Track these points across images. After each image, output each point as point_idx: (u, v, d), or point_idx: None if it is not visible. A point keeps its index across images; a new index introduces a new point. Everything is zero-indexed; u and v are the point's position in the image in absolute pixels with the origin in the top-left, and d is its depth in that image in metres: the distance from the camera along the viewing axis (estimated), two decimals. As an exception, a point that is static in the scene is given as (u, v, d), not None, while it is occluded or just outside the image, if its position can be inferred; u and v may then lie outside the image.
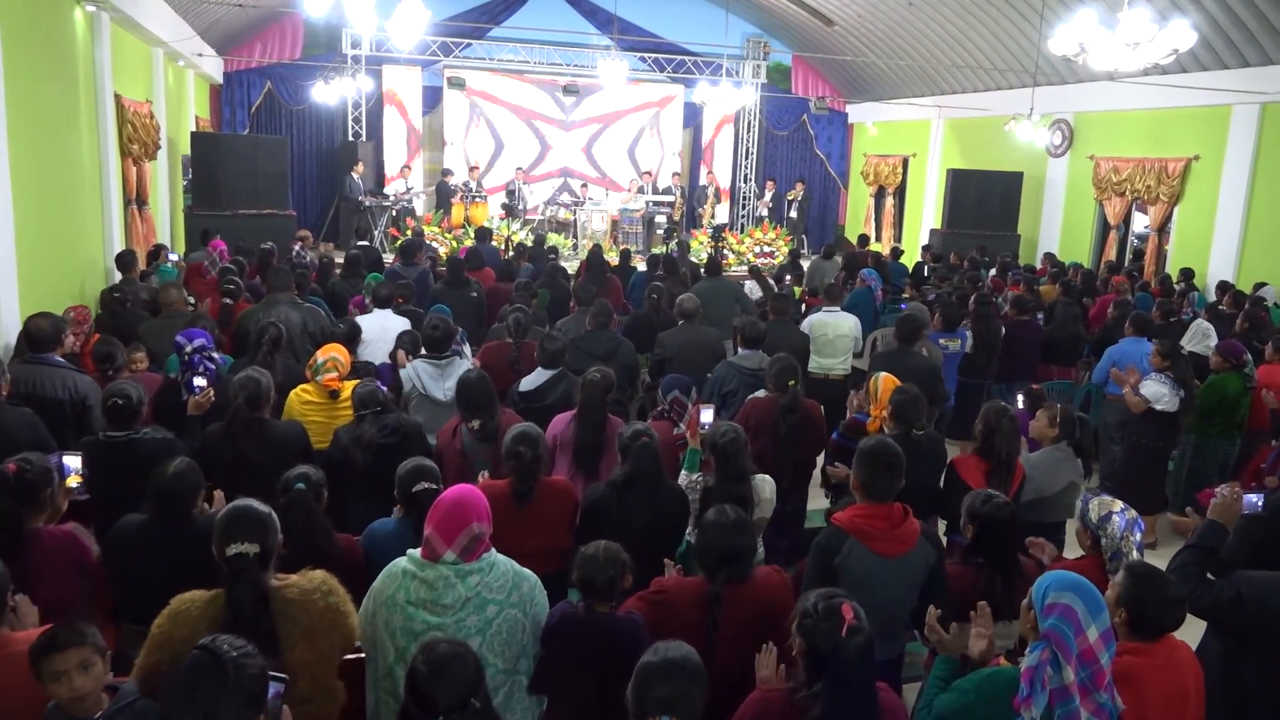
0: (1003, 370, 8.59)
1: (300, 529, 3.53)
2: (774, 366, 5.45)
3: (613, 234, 17.14)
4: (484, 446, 4.83)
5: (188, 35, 12.45)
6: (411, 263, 9.98)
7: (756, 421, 5.29)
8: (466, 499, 3.00)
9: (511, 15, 18.68)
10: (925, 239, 17.10)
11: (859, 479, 3.43)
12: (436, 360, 5.62)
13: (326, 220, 18.38)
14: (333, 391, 5.34)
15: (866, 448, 3.45)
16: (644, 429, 4.12)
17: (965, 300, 9.01)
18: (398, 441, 4.68)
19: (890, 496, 3.39)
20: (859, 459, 3.45)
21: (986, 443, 4.64)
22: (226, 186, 12.35)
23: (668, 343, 7.07)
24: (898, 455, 3.43)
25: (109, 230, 8.86)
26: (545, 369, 5.80)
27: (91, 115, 8.51)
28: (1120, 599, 2.83)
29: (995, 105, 15.87)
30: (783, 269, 13.65)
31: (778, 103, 20.80)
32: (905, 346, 6.67)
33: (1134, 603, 2.80)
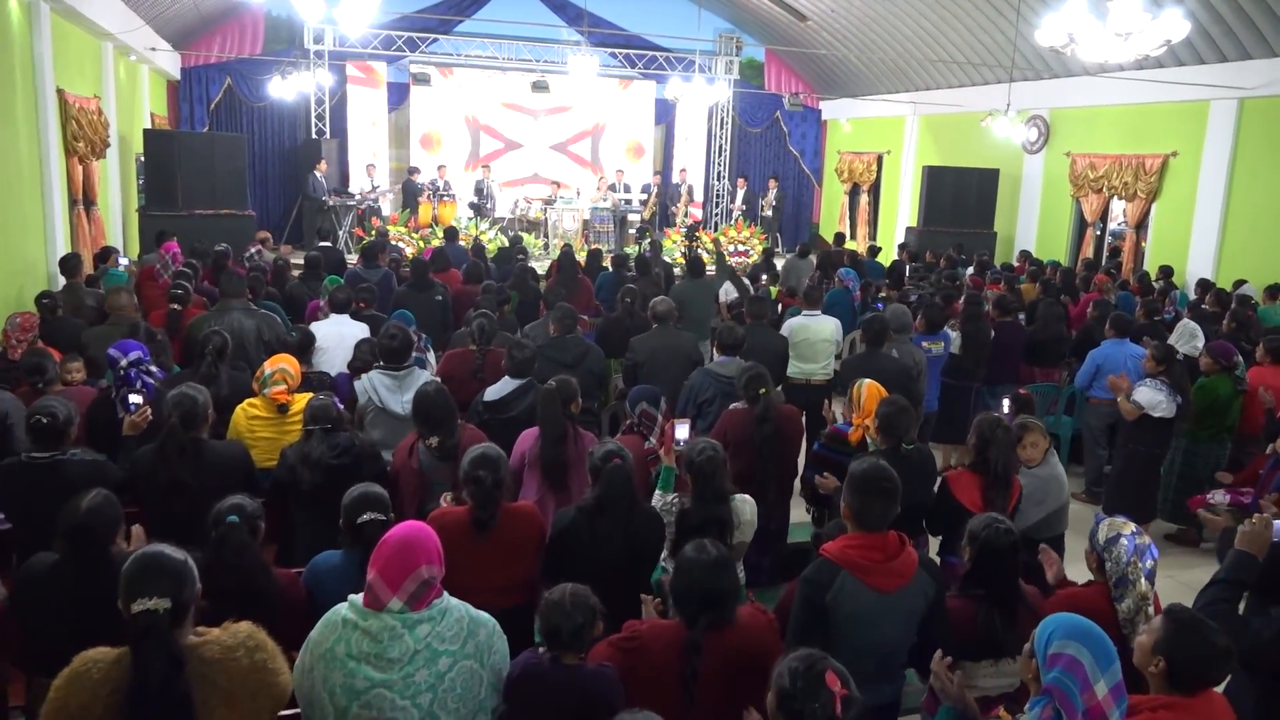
0: (986, 373, 8.34)
1: (233, 568, 3.18)
2: (743, 376, 5.18)
3: (584, 233, 16.80)
4: (443, 465, 4.49)
5: (139, 27, 11.96)
6: (374, 265, 9.60)
7: (734, 435, 4.99)
8: (414, 539, 2.66)
9: (480, 9, 18.27)
10: (900, 237, 16.90)
11: (850, 506, 3.12)
12: (394, 371, 5.26)
13: (290, 221, 17.89)
14: (281, 405, 4.99)
15: (858, 472, 3.15)
16: (616, 449, 3.80)
17: (949, 300, 8.76)
18: (350, 462, 4.34)
19: (885, 525, 3.09)
20: (850, 484, 3.14)
21: (981, 456, 4.35)
22: (182, 186, 11.92)
23: (639, 348, 6.76)
24: (892, 480, 3.13)
25: (51, 232, 8.40)
26: (512, 378, 5.46)
27: (30, 110, 8.06)
28: (1158, 647, 2.54)
29: (971, 101, 15.68)
30: (757, 268, 13.38)
31: (751, 99, 20.52)
32: (873, 349, 6.41)
33: (1174, 653, 2.51)
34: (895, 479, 3.14)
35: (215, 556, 3.19)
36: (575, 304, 9.81)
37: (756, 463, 4.92)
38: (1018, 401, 6.84)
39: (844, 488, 3.19)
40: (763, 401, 4.99)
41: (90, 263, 9.75)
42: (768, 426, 4.96)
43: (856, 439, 5.14)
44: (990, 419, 4.42)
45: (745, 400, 5.11)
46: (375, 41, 17.59)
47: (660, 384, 6.39)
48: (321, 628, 2.67)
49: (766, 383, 5.08)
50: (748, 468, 4.82)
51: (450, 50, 18.26)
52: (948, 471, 4.49)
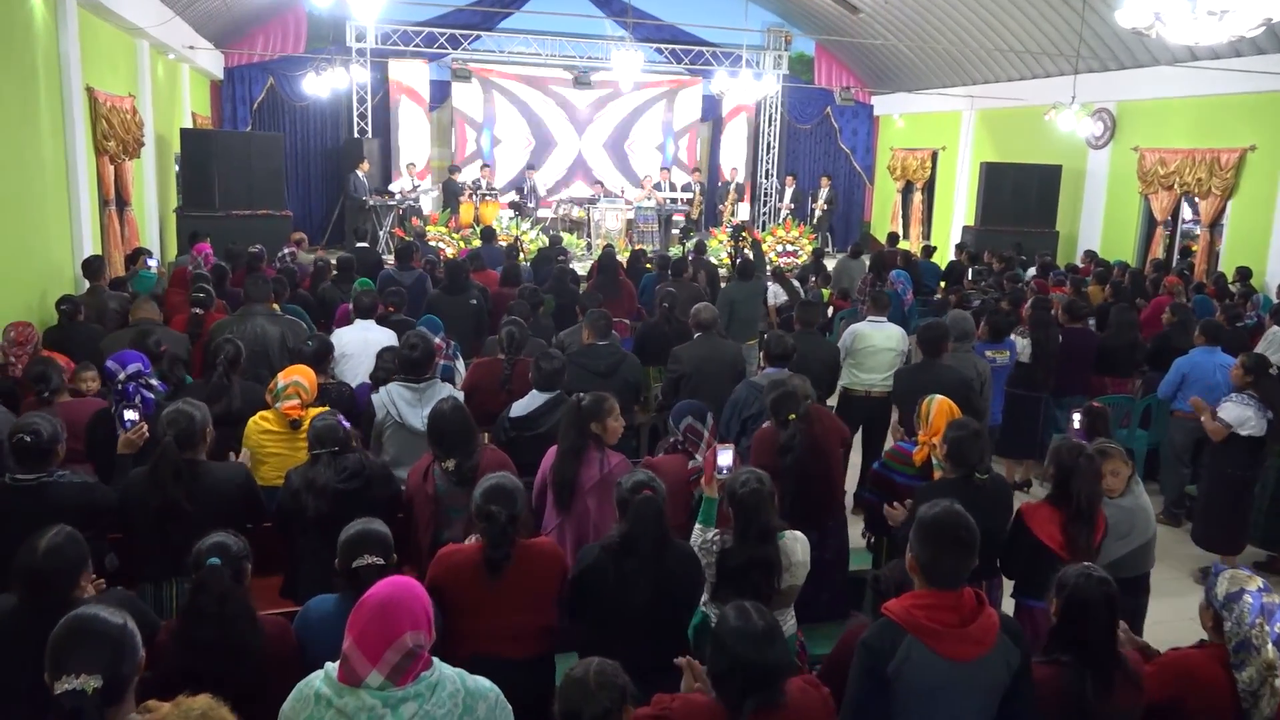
0: (1054, 383, 7.78)
1: (212, 617, 2.80)
2: (769, 395, 4.70)
3: (628, 233, 16.38)
4: (460, 490, 4.10)
5: (170, 19, 11.77)
6: (408, 267, 9.26)
7: (765, 459, 4.53)
8: (397, 601, 2.26)
9: (524, 4, 17.94)
10: (955, 236, 16.25)
11: (918, 558, 2.66)
12: (414, 383, 4.89)
13: (331, 221, 17.71)
14: (294, 421, 4.65)
15: (928, 518, 2.69)
16: (646, 479, 3.37)
17: (1016, 305, 8.20)
18: (359, 486, 3.97)
19: (960, 581, 2.62)
20: (919, 532, 2.68)
21: (1061, 489, 3.85)
22: (219, 186, 11.72)
23: (684, 358, 6.32)
24: (969, 530, 2.66)
25: (78, 234, 8.18)
26: (540, 391, 5.06)
27: (55, 108, 7.84)
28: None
29: (1031, 94, 14.99)
30: (806, 269, 12.88)
31: (800, 95, 19.96)
32: (930, 359, 5.89)
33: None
34: (973, 529, 2.67)
35: (193, 604, 2.83)
36: (616, 308, 9.45)
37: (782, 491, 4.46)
38: (1090, 415, 6.27)
39: (911, 535, 2.73)
40: (790, 429, 4.52)
41: (121, 264, 9.57)
42: (790, 457, 4.49)
43: (921, 459, 4.68)
44: (1071, 446, 3.92)
45: (774, 423, 4.66)
46: (417, 39, 17.37)
47: (706, 398, 5.93)
48: (293, 701, 2.28)
49: (794, 405, 4.61)
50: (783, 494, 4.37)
51: (493, 47, 17.96)
52: (1024, 505, 3.99)
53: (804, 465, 4.52)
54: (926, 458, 4.66)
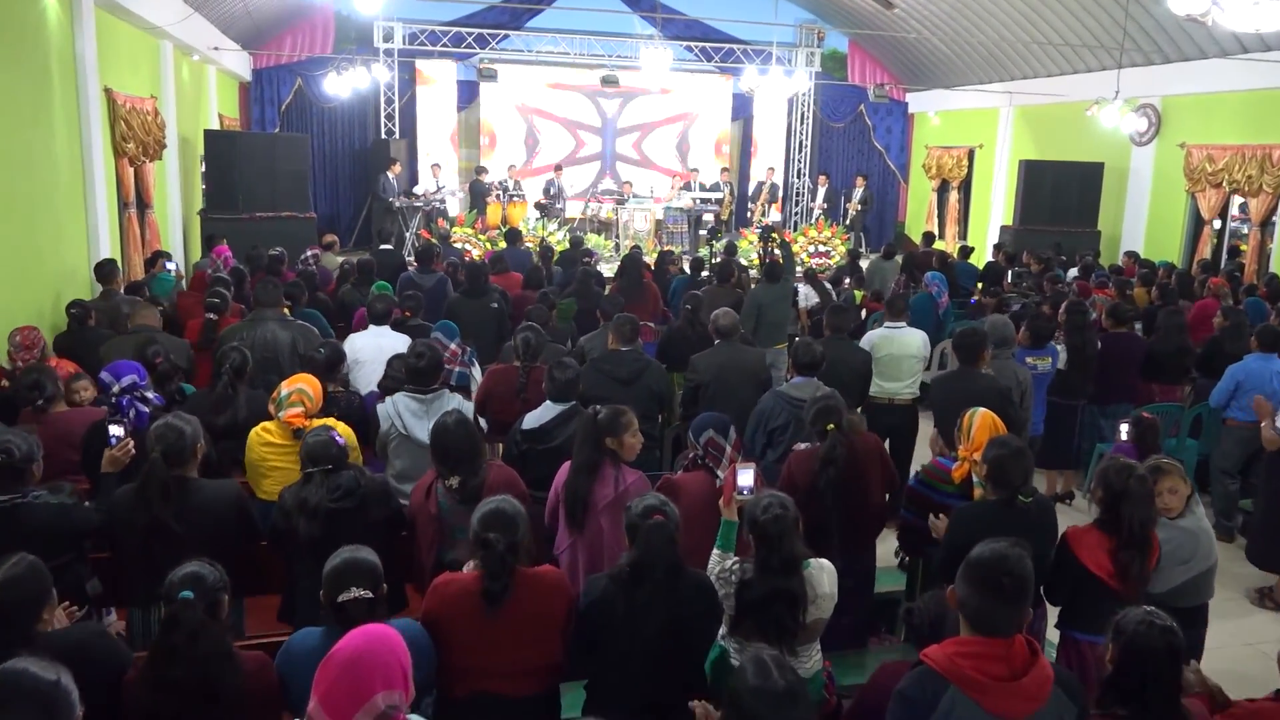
0: (1097, 390, 7.42)
1: (184, 657, 2.58)
2: (811, 409, 4.42)
3: (656, 234, 16.12)
4: (465, 509, 3.86)
5: (200, 28, 11.70)
6: (429, 270, 9.06)
7: (804, 481, 4.26)
8: (369, 656, 2.03)
9: (551, 2, 17.74)
10: (993, 236, 15.83)
11: (965, 603, 2.38)
12: (421, 394, 4.66)
13: (359, 223, 17.62)
14: (297, 431, 4.42)
15: (976, 560, 2.41)
16: (658, 503, 3.11)
17: (1057, 308, 7.84)
18: (353, 506, 3.74)
19: (1012, 629, 2.33)
20: (965, 573, 2.40)
21: (1110, 513, 3.54)
22: (243, 188, 11.62)
23: (701, 366, 6.03)
24: (1024, 576, 2.37)
25: (95, 236, 8.06)
26: (554, 402, 4.82)
27: (71, 110, 7.72)
28: None
29: (1072, 90, 14.53)
30: (840, 271, 12.55)
31: (833, 92, 19.59)
32: (966, 368, 5.57)
33: None
34: (1028, 574, 2.38)
35: (162, 642, 2.61)
36: (639, 311, 9.14)
37: (822, 512, 4.18)
38: (1139, 427, 5.97)
39: (958, 576, 2.44)
40: (830, 439, 4.24)
41: (141, 267, 9.47)
42: (833, 470, 4.21)
43: (960, 476, 4.37)
44: (1120, 466, 3.60)
45: (814, 436, 4.38)
46: (445, 39, 17.23)
47: (726, 408, 5.65)
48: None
49: (835, 417, 4.33)
50: (820, 518, 4.10)
51: (521, 47, 17.78)
52: (1070, 530, 3.67)
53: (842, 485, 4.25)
54: (967, 474, 4.36)
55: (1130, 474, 3.55)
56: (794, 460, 4.38)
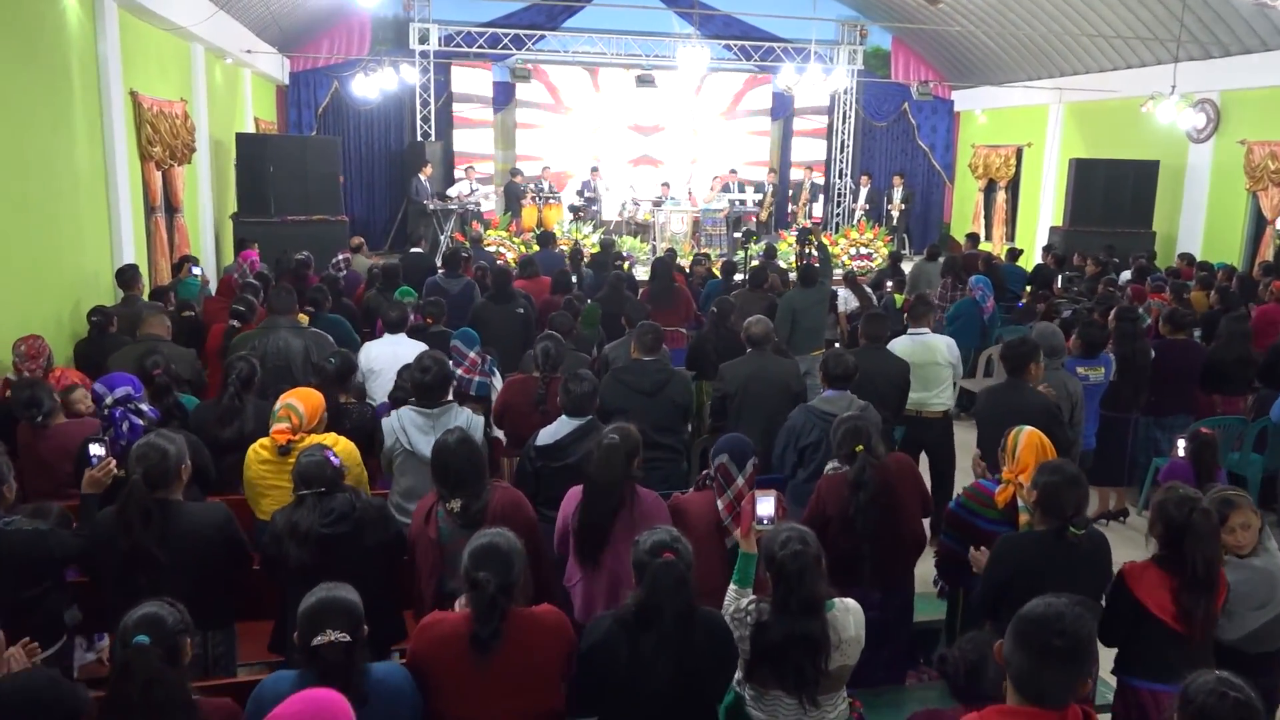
0: (1152, 401, 7.00)
1: (137, 708, 2.35)
2: (838, 430, 4.10)
3: (694, 236, 15.82)
4: (467, 535, 3.61)
5: (232, 31, 11.63)
6: (455, 274, 8.86)
7: (835, 508, 3.95)
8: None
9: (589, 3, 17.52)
10: (1042, 238, 15.30)
11: (1012, 665, 2.08)
12: (427, 409, 4.42)
13: (395, 226, 17.53)
14: (282, 447, 4.18)
15: (1028, 616, 2.10)
16: (668, 539, 2.83)
17: (1107, 314, 7.42)
18: (348, 531, 3.50)
19: (1063, 699, 2.02)
20: (1014, 630, 2.10)
21: (1172, 550, 3.20)
22: (274, 191, 11.52)
23: (729, 376, 5.73)
24: (1080, 636, 2.06)
25: (118, 241, 7.96)
26: (570, 417, 4.56)
27: (93, 113, 7.61)
28: None
29: (1125, 85, 13.99)
30: (882, 274, 12.15)
31: (876, 90, 19.14)
32: (1013, 379, 5.19)
33: None
34: (1087, 635, 2.07)
35: (114, 693, 2.38)
36: (670, 317, 8.93)
37: (857, 541, 3.87)
38: (1196, 443, 5.56)
39: (1008, 632, 2.14)
40: (859, 462, 3.92)
41: (169, 272, 9.38)
42: (864, 495, 3.89)
43: (1004, 500, 4.04)
44: (1180, 498, 3.24)
45: (840, 460, 4.06)
46: (481, 40, 17.09)
47: (756, 421, 5.40)
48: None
49: (864, 438, 4.02)
50: (853, 547, 3.80)
51: (557, 47, 17.57)
52: (1128, 566, 3.33)
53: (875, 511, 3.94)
54: (1011, 498, 4.03)
55: (1192, 508, 3.20)
56: (824, 486, 4.07)
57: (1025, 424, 4.19)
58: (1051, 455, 3.97)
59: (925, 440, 6.32)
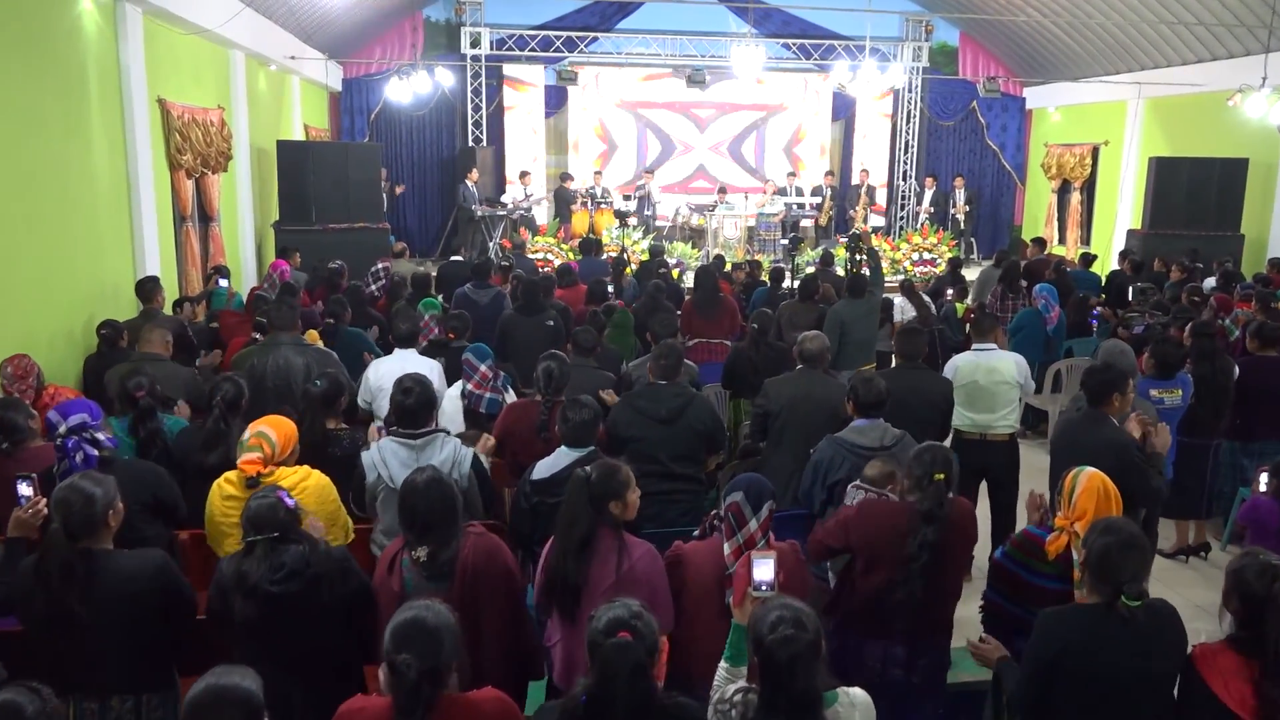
0: (1238, 425, 6.33)
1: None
2: (921, 456, 3.56)
3: (749, 242, 15.28)
4: (435, 588, 3.21)
5: (276, 37, 11.49)
6: (485, 284, 8.51)
7: (872, 544, 3.46)
8: None
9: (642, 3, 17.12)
10: (1119, 242, 14.42)
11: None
12: (410, 439, 4.03)
13: (445, 233, 17.35)
14: (250, 479, 3.81)
15: None
16: (626, 615, 2.37)
17: (1185, 329, 6.75)
18: (300, 589, 3.10)
19: None
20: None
21: (1251, 629, 2.64)
22: (315, 199, 11.34)
23: (774, 394, 5.26)
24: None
25: (141, 252, 7.78)
26: (569, 448, 4.14)
27: (114, 121, 7.43)
28: None
29: (1212, 78, 13.08)
30: (942, 281, 11.50)
31: (942, 88, 18.37)
32: (1093, 410, 4.56)
33: None
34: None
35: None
36: (714, 328, 8.45)
37: (903, 584, 3.37)
38: (1279, 476, 4.98)
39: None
40: (936, 491, 3.42)
41: (199, 283, 9.22)
42: (933, 531, 3.40)
43: (1056, 550, 3.51)
44: (1260, 567, 2.67)
45: (911, 488, 3.55)
46: (533, 43, 16.83)
47: (797, 446, 4.91)
48: None
49: (948, 466, 3.51)
50: (892, 591, 3.34)
51: (610, 49, 17.21)
52: (1199, 648, 2.77)
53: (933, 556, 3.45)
54: (1065, 549, 3.49)
55: (1276, 577, 2.64)
56: (857, 515, 3.58)
57: (1103, 463, 3.65)
58: (1116, 505, 3.42)
59: (989, 465, 5.75)
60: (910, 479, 3.52)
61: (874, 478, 3.88)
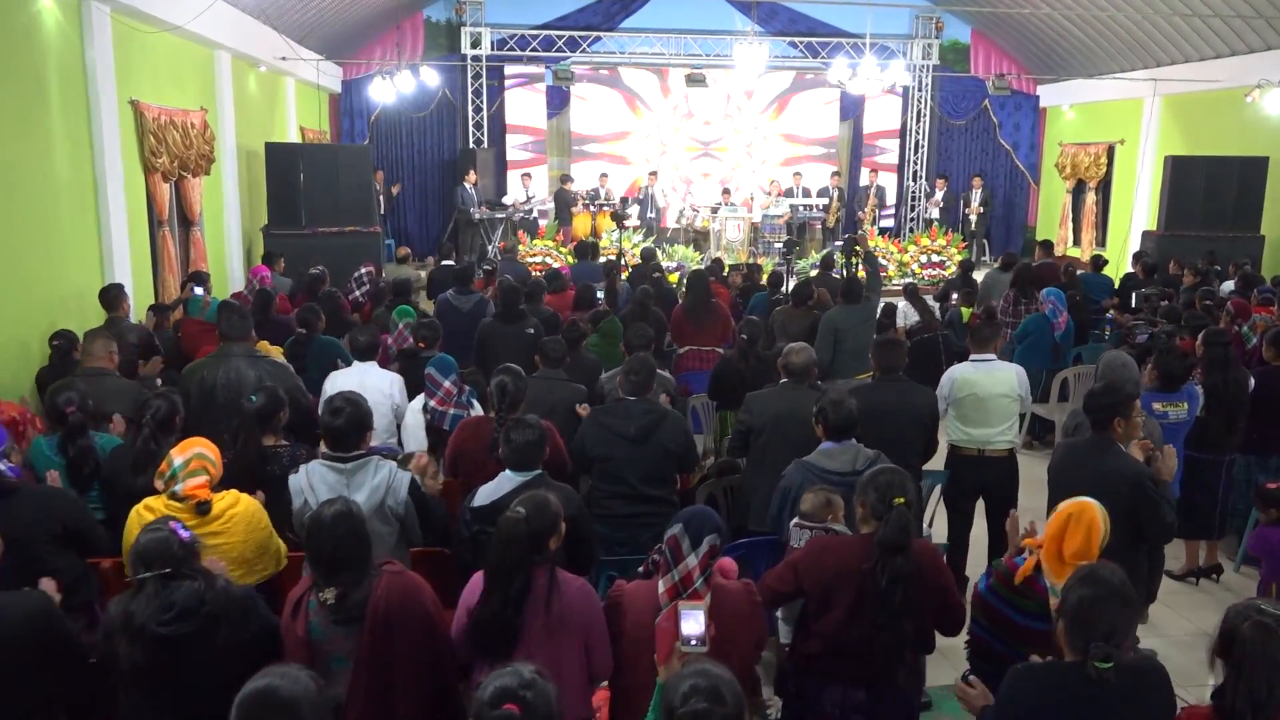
0: (1253, 439, 5.96)
1: None
2: (874, 481, 3.25)
3: (752, 244, 14.93)
4: (343, 632, 2.92)
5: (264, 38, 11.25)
6: (467, 290, 8.22)
7: (826, 585, 3.14)
8: None
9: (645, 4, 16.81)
10: (1136, 243, 13.98)
11: None
12: (340, 463, 3.73)
13: (445, 236, 17.12)
14: (201, 505, 3.56)
15: None
16: (514, 686, 2.06)
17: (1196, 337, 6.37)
18: (192, 630, 2.81)
19: None
20: None
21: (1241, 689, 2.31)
22: (306, 202, 11.10)
23: (756, 408, 4.93)
24: None
25: (110, 258, 7.53)
26: (513, 471, 3.84)
27: (79, 123, 7.19)
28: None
29: (1230, 74, 12.63)
30: (950, 284, 11.14)
31: (953, 87, 17.96)
32: (1097, 436, 4.16)
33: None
34: None
35: None
36: (705, 336, 8.12)
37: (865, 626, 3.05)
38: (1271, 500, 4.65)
39: None
40: (897, 518, 3.11)
41: (176, 290, 8.98)
42: (901, 562, 3.08)
43: (1022, 575, 3.24)
44: (1244, 609, 2.35)
45: (867, 516, 3.23)
46: (534, 43, 16.56)
47: (780, 464, 4.55)
48: None
49: (906, 490, 3.19)
50: (851, 632, 3.01)
51: (614, 49, 16.92)
52: (1185, 712, 2.43)
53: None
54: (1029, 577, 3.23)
55: (1255, 621, 2.30)
56: (808, 554, 3.26)
57: (1112, 496, 3.37)
58: (1094, 533, 3.07)
59: (987, 483, 5.41)
60: (865, 508, 3.20)
61: (810, 512, 3.58)
